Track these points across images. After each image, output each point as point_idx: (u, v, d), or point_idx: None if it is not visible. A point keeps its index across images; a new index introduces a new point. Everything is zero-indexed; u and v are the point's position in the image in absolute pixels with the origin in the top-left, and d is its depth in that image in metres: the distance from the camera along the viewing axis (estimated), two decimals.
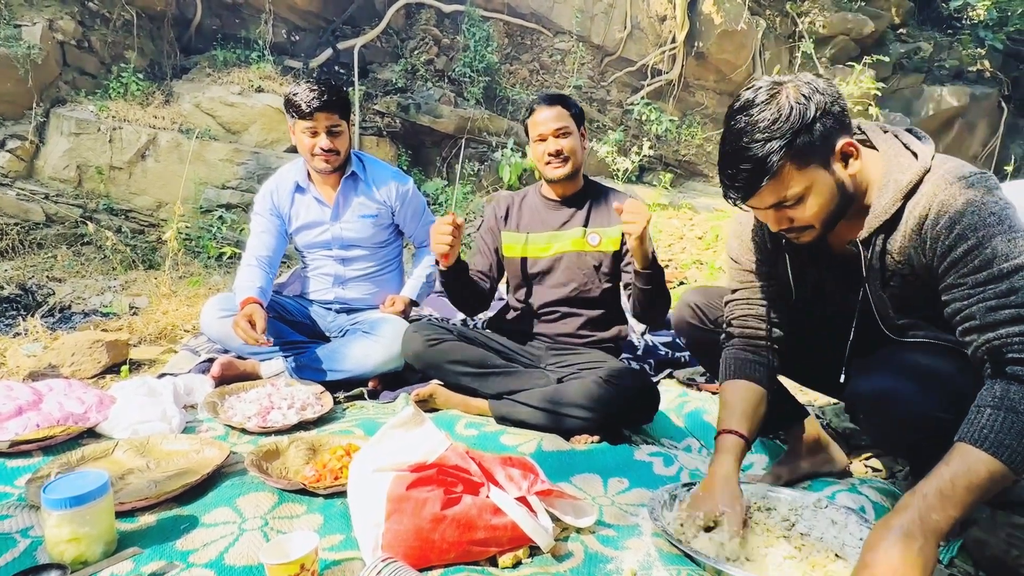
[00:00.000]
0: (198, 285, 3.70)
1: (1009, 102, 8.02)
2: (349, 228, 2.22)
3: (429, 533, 1.06)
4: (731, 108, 1.12)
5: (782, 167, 1.05)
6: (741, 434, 1.28)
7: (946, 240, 1.05)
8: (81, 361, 2.11)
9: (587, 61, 7.43)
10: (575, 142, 1.88)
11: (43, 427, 1.50)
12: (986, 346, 1.00)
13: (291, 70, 6.42)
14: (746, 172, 1.07)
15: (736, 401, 1.33)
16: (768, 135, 1.05)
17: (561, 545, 1.18)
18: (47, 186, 5.11)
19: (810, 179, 1.08)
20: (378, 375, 2.07)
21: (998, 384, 0.96)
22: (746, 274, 1.40)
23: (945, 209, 1.05)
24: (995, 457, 0.91)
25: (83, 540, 1.05)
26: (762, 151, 1.05)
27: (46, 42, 5.11)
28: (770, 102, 1.06)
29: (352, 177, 2.22)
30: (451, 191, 6.26)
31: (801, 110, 1.05)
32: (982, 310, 1.00)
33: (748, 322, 1.39)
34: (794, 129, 1.04)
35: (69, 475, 1.12)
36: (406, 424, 1.19)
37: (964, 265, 1.03)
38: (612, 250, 1.92)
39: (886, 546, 0.90)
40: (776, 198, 1.10)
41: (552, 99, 1.89)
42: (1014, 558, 1.15)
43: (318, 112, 2.02)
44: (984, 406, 0.95)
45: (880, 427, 1.22)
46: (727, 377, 1.38)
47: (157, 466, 1.42)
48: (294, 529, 1.20)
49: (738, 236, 1.43)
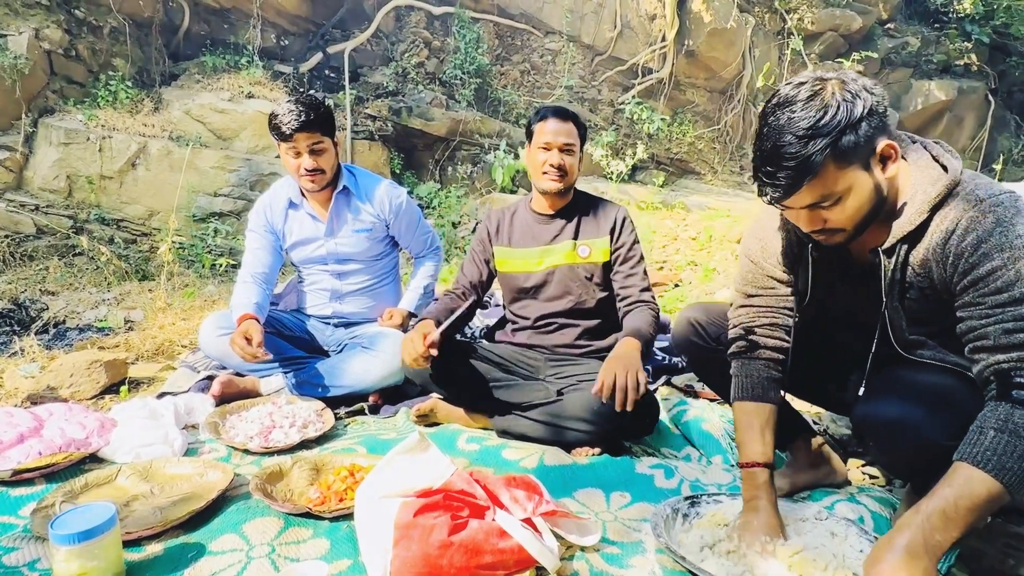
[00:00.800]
0: (193, 297, 3.69)
1: (996, 95, 8.10)
2: (344, 243, 2.22)
3: (437, 559, 1.07)
4: (770, 103, 1.09)
5: (825, 167, 1.02)
6: (769, 464, 1.26)
7: (970, 258, 1.04)
8: (80, 382, 2.10)
9: (578, 61, 7.44)
10: (575, 161, 1.91)
11: (45, 454, 1.50)
12: (995, 367, 1.00)
13: (281, 75, 6.39)
14: (788, 170, 1.03)
15: (759, 426, 1.30)
16: (812, 133, 1.01)
17: (567, 565, 1.19)
18: (37, 197, 5.06)
19: (851, 180, 1.05)
20: (378, 390, 2.08)
21: (1002, 407, 0.97)
22: (768, 280, 1.36)
23: (973, 226, 1.04)
24: (996, 479, 0.92)
25: (91, 573, 1.06)
26: (805, 150, 1.01)
27: (33, 51, 5.06)
28: (814, 99, 1.03)
29: (344, 192, 2.21)
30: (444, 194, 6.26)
31: (849, 108, 1.02)
32: (998, 331, 1.00)
33: (775, 332, 1.35)
34: (840, 128, 1.01)
35: (77, 508, 1.12)
36: (411, 450, 1.20)
37: (985, 285, 1.02)
38: (602, 261, 1.93)
39: (890, 565, 0.92)
40: (815, 198, 1.07)
41: (566, 114, 1.90)
42: (1010, 567, 1.18)
43: (297, 133, 2.00)
44: (987, 428, 0.96)
45: (890, 453, 1.22)
46: (745, 397, 1.33)
47: (161, 491, 1.42)
48: (301, 554, 1.21)
49: (760, 238, 1.37)
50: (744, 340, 1.37)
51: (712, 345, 1.53)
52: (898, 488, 1.57)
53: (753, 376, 1.34)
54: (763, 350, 1.35)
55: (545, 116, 1.89)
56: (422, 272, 2.42)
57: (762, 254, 1.37)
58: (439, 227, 5.84)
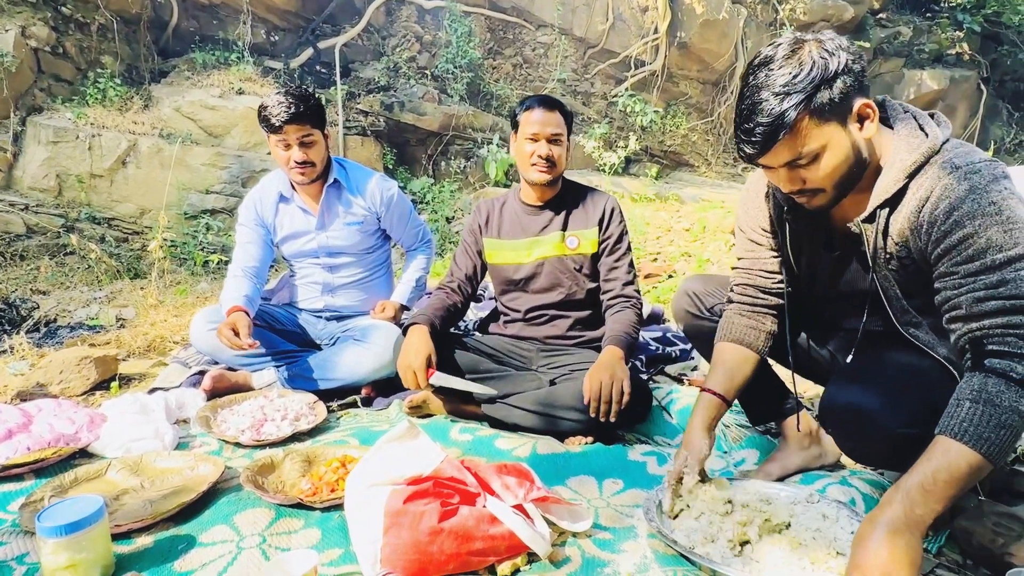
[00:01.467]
0: (185, 294, 3.67)
1: (988, 84, 8.12)
2: (335, 236, 2.21)
3: (427, 546, 1.07)
4: (750, 64, 1.10)
5: (799, 121, 1.03)
6: (718, 393, 1.34)
7: (942, 226, 1.04)
8: (70, 378, 2.09)
9: (570, 54, 7.42)
10: (563, 151, 1.88)
11: (34, 449, 1.49)
12: (968, 335, 1.01)
13: (271, 71, 6.35)
14: (763, 127, 1.04)
15: (725, 362, 1.38)
16: (787, 89, 1.02)
17: (558, 551, 1.19)
18: (27, 196, 5.03)
19: (827, 136, 1.05)
20: (371, 382, 2.07)
21: (976, 377, 0.97)
22: (751, 244, 1.41)
23: (946, 194, 1.04)
24: (975, 450, 0.92)
25: (80, 566, 1.05)
26: (781, 106, 1.02)
27: (19, 49, 5.01)
28: (791, 57, 1.04)
29: (335, 185, 2.20)
30: (437, 189, 6.24)
31: (823, 64, 1.02)
32: (969, 300, 1.00)
33: (747, 291, 1.41)
34: (815, 83, 1.01)
35: (64, 501, 1.11)
36: (401, 438, 1.19)
37: (958, 253, 1.02)
38: (591, 252, 1.92)
39: (874, 542, 0.93)
40: (792, 154, 1.07)
41: (552, 103, 1.88)
42: (1000, 546, 1.18)
43: (287, 125, 1.97)
44: (963, 399, 0.96)
45: (847, 440, 1.25)
46: (720, 339, 1.41)
47: (152, 485, 1.41)
48: (292, 545, 1.20)
49: (746, 204, 1.41)
50: (728, 296, 1.46)
51: (706, 315, 1.56)
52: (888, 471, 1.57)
53: (733, 323, 1.41)
54: (740, 303, 1.42)
55: (531, 106, 1.86)
56: (414, 265, 2.42)
57: (744, 219, 1.42)
58: (432, 222, 5.82)
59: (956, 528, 1.27)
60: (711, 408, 1.33)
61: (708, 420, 1.32)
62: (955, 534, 1.27)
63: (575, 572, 1.14)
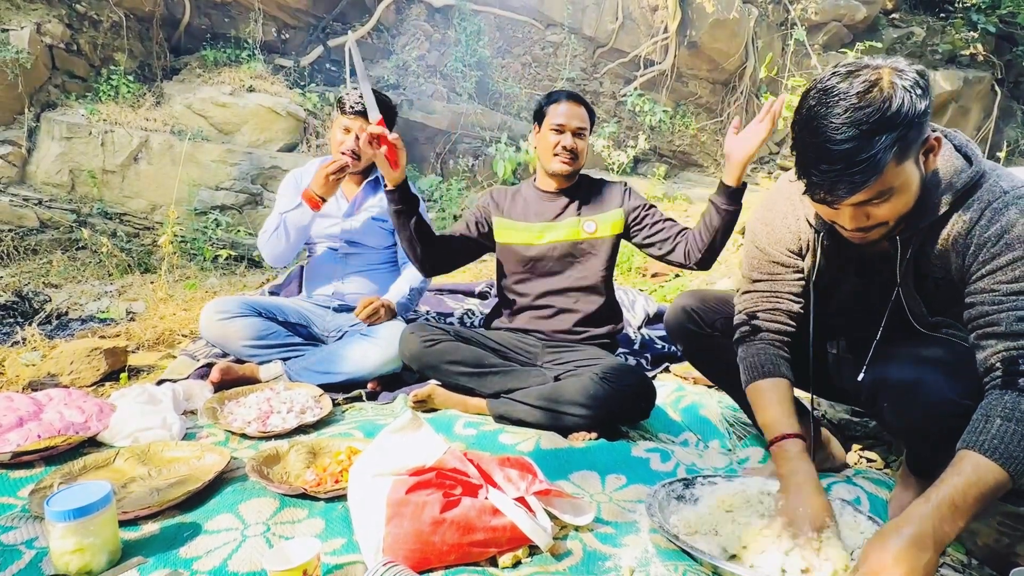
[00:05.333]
0: (195, 289, 3.71)
1: (1002, 85, 8.02)
2: (358, 226, 2.31)
3: (429, 536, 1.08)
4: (814, 94, 1.01)
5: (888, 164, 0.96)
6: (800, 435, 1.22)
7: (992, 247, 1.04)
8: (80, 369, 2.11)
9: (579, 53, 7.41)
10: (586, 145, 1.94)
11: (44, 438, 1.51)
12: (1004, 353, 1.00)
13: (282, 69, 6.39)
14: (854, 170, 0.96)
15: (781, 400, 1.26)
16: (877, 128, 0.94)
17: (560, 544, 1.19)
18: (40, 191, 5.08)
19: (905, 175, 1.00)
20: (376, 377, 2.08)
21: (1008, 395, 0.97)
22: (774, 266, 1.33)
23: (996, 217, 1.04)
24: (1003, 468, 0.92)
25: (88, 551, 1.07)
26: (871, 147, 0.94)
27: (34, 46, 5.07)
28: (871, 90, 0.96)
29: (374, 181, 2.36)
30: (445, 187, 6.25)
31: (912, 100, 0.95)
32: (1011, 319, 1.00)
33: (777, 316, 1.33)
34: (907, 122, 0.95)
35: (72, 486, 1.13)
36: (404, 429, 1.20)
37: (1004, 273, 1.02)
38: (612, 234, 1.95)
39: (895, 552, 0.90)
40: (871, 195, 1.00)
41: (578, 98, 1.93)
42: (1005, 546, 1.17)
43: (356, 115, 2.17)
44: (994, 416, 0.95)
45: (903, 414, 1.18)
46: (761, 375, 1.30)
47: (159, 474, 1.43)
48: (296, 534, 1.21)
49: (767, 223, 1.33)
50: (747, 325, 1.36)
51: (707, 331, 1.51)
52: (895, 470, 1.57)
53: (761, 356, 1.32)
54: (765, 333, 1.33)
55: (558, 99, 1.91)
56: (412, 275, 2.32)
57: (768, 239, 1.33)
58: (440, 220, 5.84)
59: None
60: (804, 453, 1.18)
61: (814, 473, 1.16)
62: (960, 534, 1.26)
63: (576, 565, 1.14)
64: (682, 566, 1.12)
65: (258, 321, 2.13)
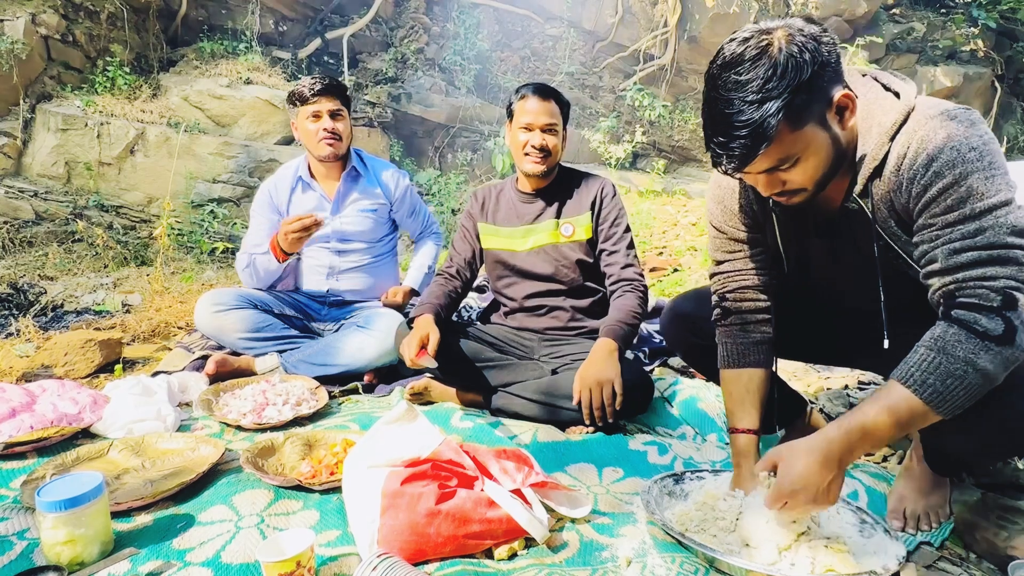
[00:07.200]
0: (191, 281, 3.69)
1: (1002, 81, 8.00)
2: (348, 222, 2.25)
3: (424, 527, 1.07)
4: (715, 64, 1.00)
5: (780, 131, 0.94)
6: (753, 431, 1.26)
7: (922, 179, 0.97)
8: (74, 361, 2.10)
9: (579, 47, 7.37)
10: (558, 140, 1.85)
11: (37, 428, 1.50)
12: (943, 289, 0.97)
13: (279, 61, 6.35)
14: (741, 139, 0.96)
15: (741, 393, 1.28)
16: (763, 95, 0.93)
17: (556, 536, 1.19)
18: (36, 183, 5.05)
19: (807, 139, 0.98)
20: (373, 369, 2.07)
21: (940, 326, 0.95)
22: (733, 243, 1.31)
23: (924, 146, 0.98)
24: (916, 395, 0.92)
25: (79, 541, 1.06)
26: (758, 114, 0.93)
27: (29, 37, 5.02)
28: (760, 57, 0.94)
29: (353, 173, 2.27)
30: (443, 181, 6.23)
31: (797, 62, 0.93)
32: (945, 252, 0.96)
33: (746, 295, 1.31)
34: (791, 86, 0.92)
35: (64, 477, 1.12)
36: (399, 420, 1.19)
37: (937, 204, 0.97)
38: (586, 238, 1.89)
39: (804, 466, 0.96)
40: (772, 163, 0.99)
41: (546, 92, 1.83)
42: (1003, 539, 1.17)
43: (320, 95, 2.10)
44: (920, 346, 0.95)
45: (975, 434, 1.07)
46: (728, 365, 1.32)
47: (152, 465, 1.42)
48: (290, 526, 1.20)
49: (720, 201, 1.31)
50: (718, 308, 1.35)
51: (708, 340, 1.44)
52: (893, 463, 1.56)
53: (731, 343, 1.32)
54: (736, 315, 1.32)
55: (525, 95, 1.82)
56: (424, 252, 2.47)
57: (723, 218, 1.31)
58: (438, 214, 5.82)
59: (959, 521, 1.26)
60: (750, 449, 1.24)
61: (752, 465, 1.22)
62: (958, 527, 1.26)
63: (573, 557, 1.13)
64: (679, 557, 1.11)
65: (254, 313, 2.12)
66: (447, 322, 1.93)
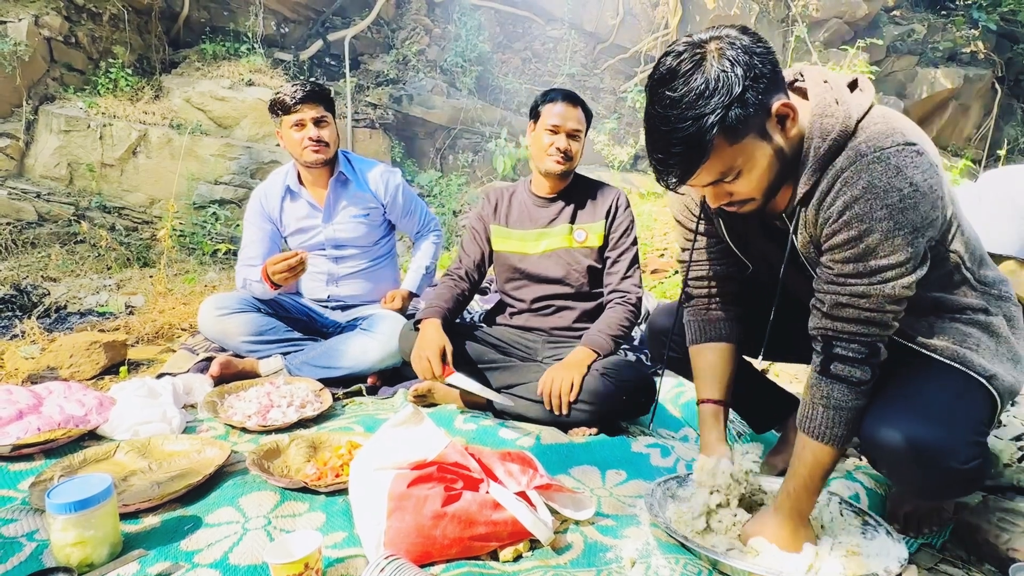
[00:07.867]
0: (194, 283, 3.70)
1: (1003, 83, 8.01)
2: (341, 229, 2.24)
3: (430, 530, 1.08)
4: (652, 79, 0.99)
5: (717, 146, 0.95)
6: (715, 400, 1.34)
7: (834, 223, 1.00)
8: (79, 362, 2.11)
9: (580, 49, 7.39)
10: (580, 147, 1.91)
11: (44, 430, 1.51)
12: (822, 329, 1.07)
13: (281, 63, 6.36)
14: (679, 155, 0.97)
15: (705, 367, 1.37)
16: (698, 111, 0.93)
17: (561, 537, 1.20)
18: (38, 184, 5.06)
19: (747, 151, 0.98)
20: (376, 371, 2.08)
21: (824, 383, 1.08)
22: (689, 234, 1.35)
23: (844, 189, 0.99)
24: (833, 447, 1.08)
25: (88, 543, 1.07)
26: (694, 129, 0.93)
27: (32, 38, 5.04)
28: (695, 71, 0.94)
29: (341, 178, 2.23)
30: (445, 183, 6.24)
31: (728, 78, 0.93)
32: (831, 301, 1.04)
33: (704, 283, 1.37)
34: (724, 102, 0.92)
35: (73, 479, 1.13)
36: (405, 423, 1.20)
37: (839, 251, 1.01)
38: (598, 244, 1.93)
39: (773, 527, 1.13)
40: (714, 176, 1.00)
41: (575, 99, 1.89)
42: (1004, 542, 1.18)
43: (302, 104, 2.06)
44: (817, 404, 1.08)
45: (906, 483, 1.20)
46: (693, 342, 1.39)
47: (159, 467, 1.43)
48: (297, 527, 1.21)
49: (677, 196, 1.34)
50: (683, 292, 1.42)
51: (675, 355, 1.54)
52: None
53: (694, 321, 1.39)
54: (698, 299, 1.39)
55: (554, 99, 1.88)
56: (423, 252, 2.44)
57: (679, 209, 1.36)
58: (440, 215, 5.83)
59: (960, 523, 1.27)
60: (716, 417, 1.33)
61: (720, 431, 1.32)
62: (959, 529, 1.27)
63: (577, 558, 1.14)
64: (683, 559, 1.12)
65: (257, 316, 2.13)
66: (452, 325, 1.94)
